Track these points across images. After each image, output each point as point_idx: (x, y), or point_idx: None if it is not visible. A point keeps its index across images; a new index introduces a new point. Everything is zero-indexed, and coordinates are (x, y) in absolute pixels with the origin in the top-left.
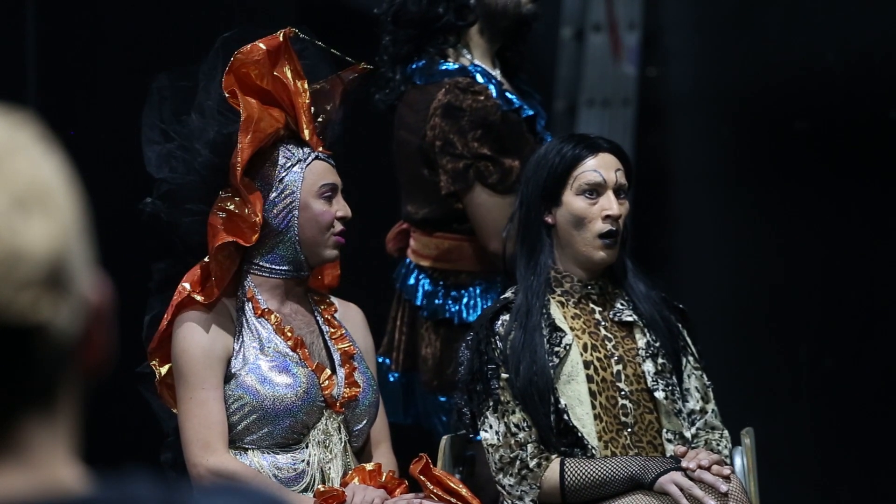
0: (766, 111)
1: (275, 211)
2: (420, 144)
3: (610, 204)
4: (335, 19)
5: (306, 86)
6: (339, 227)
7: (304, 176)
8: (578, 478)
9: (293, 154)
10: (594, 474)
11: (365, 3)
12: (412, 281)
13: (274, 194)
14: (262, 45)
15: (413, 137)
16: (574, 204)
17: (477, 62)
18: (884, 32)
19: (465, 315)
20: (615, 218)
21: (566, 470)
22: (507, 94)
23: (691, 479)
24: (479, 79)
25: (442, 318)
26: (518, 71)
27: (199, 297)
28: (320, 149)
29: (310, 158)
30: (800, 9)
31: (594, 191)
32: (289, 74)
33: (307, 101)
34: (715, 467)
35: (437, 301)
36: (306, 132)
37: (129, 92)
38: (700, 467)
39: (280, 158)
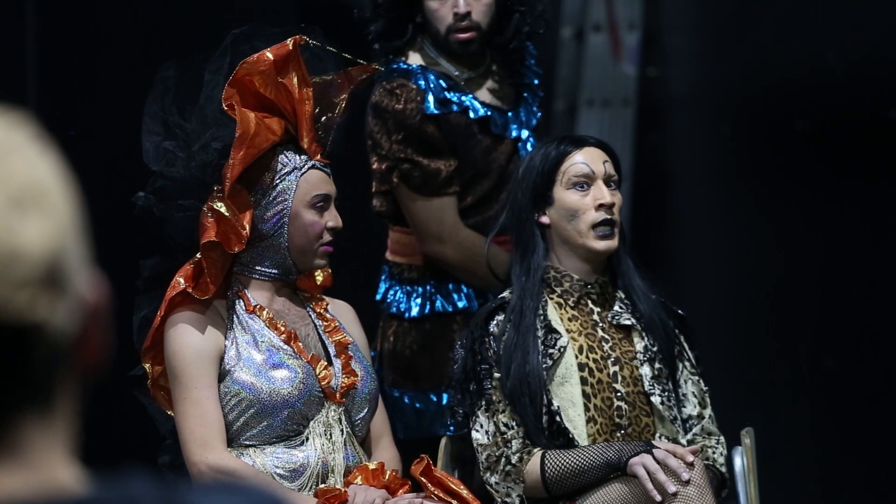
0: (766, 111)
1: (266, 216)
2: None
3: (602, 193)
4: (335, 18)
5: (311, 93)
6: (328, 237)
7: (298, 185)
8: (558, 468)
9: (290, 161)
10: (572, 463)
11: (364, 2)
12: (382, 275)
13: (267, 199)
14: (269, 55)
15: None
16: (566, 198)
17: (435, 60)
18: (884, 32)
19: (413, 312)
20: (609, 206)
21: (546, 462)
22: (452, 96)
23: (658, 462)
24: (420, 81)
25: (391, 312)
26: (514, 69)
27: (193, 292)
28: (318, 157)
29: (306, 167)
30: (800, 9)
31: (584, 183)
32: (295, 82)
33: (310, 109)
34: (680, 450)
35: (390, 295)
36: (306, 140)
37: (128, 92)
38: (668, 451)
39: (277, 164)
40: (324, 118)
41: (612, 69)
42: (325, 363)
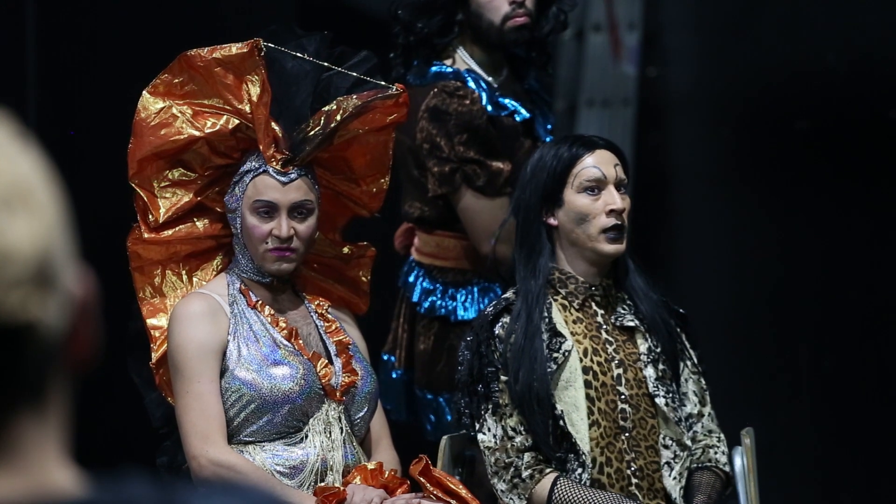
0: (766, 111)
1: (229, 214)
2: (410, 146)
3: (613, 198)
4: (335, 18)
5: (269, 99)
6: (273, 243)
7: (247, 187)
8: (566, 500)
9: (249, 163)
10: (581, 501)
11: (365, 3)
12: (412, 278)
13: (230, 198)
14: (215, 54)
15: (405, 138)
16: (577, 202)
17: (472, 66)
18: (884, 32)
19: (460, 313)
20: (619, 212)
21: (555, 490)
22: (501, 99)
23: None
24: (470, 83)
25: (437, 315)
26: (528, 72)
27: (144, 231)
28: (275, 163)
29: (259, 171)
30: (800, 9)
31: (595, 187)
32: (251, 85)
33: (266, 114)
34: None
35: (433, 298)
36: (263, 145)
37: (128, 92)
38: None
39: (243, 165)
40: (312, 132)
41: (612, 69)
42: (326, 361)
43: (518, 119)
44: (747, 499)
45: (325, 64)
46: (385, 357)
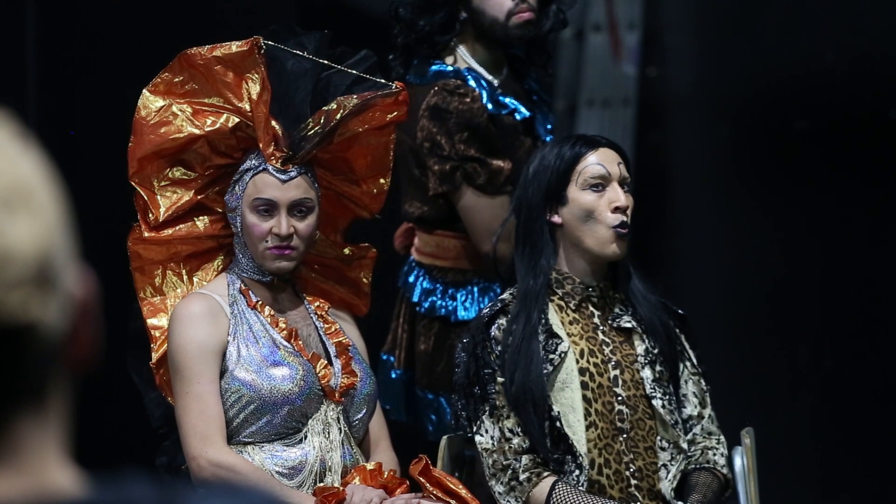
0: (766, 111)
1: (229, 213)
2: (411, 145)
3: (617, 196)
4: (335, 18)
5: (269, 97)
6: (273, 241)
7: (247, 186)
8: None
9: (249, 161)
10: None
11: (365, 2)
12: (412, 278)
13: (230, 197)
14: (216, 52)
15: (406, 137)
16: (582, 199)
17: (472, 64)
18: (884, 32)
19: (460, 313)
20: (624, 209)
21: (554, 494)
22: (501, 98)
23: None
24: (471, 82)
25: (437, 315)
26: (528, 71)
27: (144, 230)
28: (275, 161)
29: (259, 169)
30: (800, 9)
31: (600, 184)
32: (251, 84)
33: (266, 111)
34: None
35: (433, 298)
36: (263, 143)
37: (128, 92)
38: None
39: (243, 163)
40: (312, 130)
41: (612, 69)
42: (325, 362)
43: (518, 118)
44: (747, 499)
45: (325, 62)
46: (385, 357)
